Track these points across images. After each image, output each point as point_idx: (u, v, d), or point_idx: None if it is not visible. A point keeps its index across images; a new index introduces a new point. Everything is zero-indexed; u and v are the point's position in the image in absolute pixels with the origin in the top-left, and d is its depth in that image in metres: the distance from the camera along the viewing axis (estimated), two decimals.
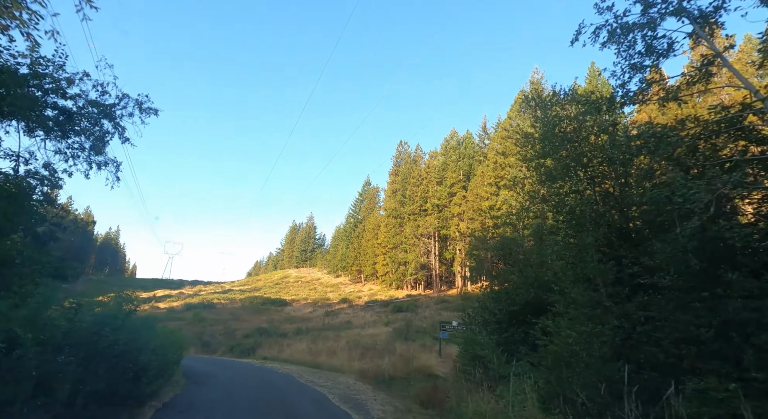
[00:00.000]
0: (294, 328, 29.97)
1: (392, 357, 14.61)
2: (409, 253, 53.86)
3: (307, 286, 73.20)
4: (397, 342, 17.93)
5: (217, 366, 15.25)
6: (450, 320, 16.28)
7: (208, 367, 14.89)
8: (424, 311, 40.77)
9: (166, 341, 10.32)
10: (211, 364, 15.94)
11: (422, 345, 15.54)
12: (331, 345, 19.35)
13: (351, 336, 24.12)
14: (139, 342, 7.86)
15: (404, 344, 16.78)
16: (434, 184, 55.15)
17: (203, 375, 12.60)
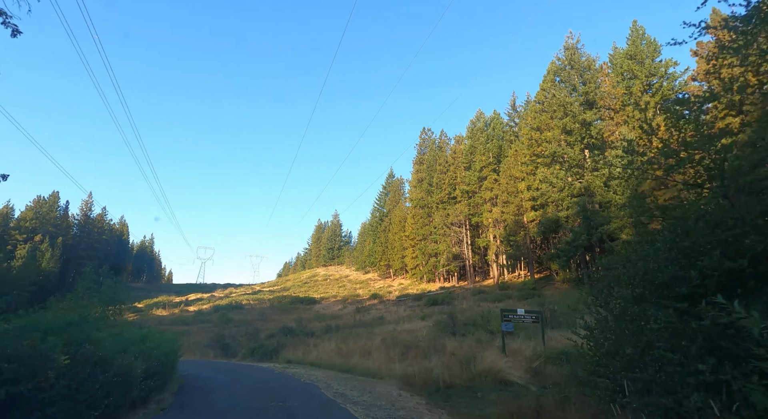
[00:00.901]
0: (323, 326, 27.16)
1: (443, 356, 11.36)
2: (440, 243, 50.30)
3: (335, 283, 70.76)
4: (443, 337, 14.68)
5: (230, 374, 12.40)
6: (513, 308, 12.87)
7: (218, 376, 12.06)
8: (461, 303, 37.24)
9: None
10: (222, 371, 13.12)
11: (477, 341, 12.28)
12: (364, 344, 16.28)
13: (386, 332, 21.00)
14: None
15: (453, 340, 13.54)
16: (462, 169, 51.36)
17: (205, 388, 9.76)
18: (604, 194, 31.60)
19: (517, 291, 37.12)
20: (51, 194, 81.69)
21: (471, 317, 16.82)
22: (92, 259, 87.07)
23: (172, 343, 9.31)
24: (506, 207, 41.42)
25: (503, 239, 42.53)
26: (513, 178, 40.92)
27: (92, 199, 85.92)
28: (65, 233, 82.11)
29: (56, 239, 76.93)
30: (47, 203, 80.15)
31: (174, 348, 9.44)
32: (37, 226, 77.91)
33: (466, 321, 16.19)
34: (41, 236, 74.79)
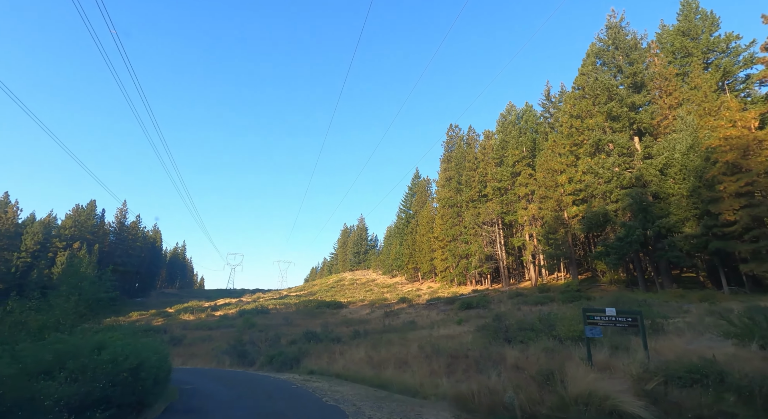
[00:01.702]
0: (350, 331, 24.65)
1: (504, 370, 8.59)
2: (471, 244, 47.07)
3: (362, 288, 68.35)
4: (495, 345, 11.87)
5: (238, 388, 10.03)
6: (599, 308, 9.98)
7: (223, 391, 9.71)
8: (498, 306, 33.93)
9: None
10: (231, 384, 10.76)
11: (546, 351, 9.45)
12: (398, 352, 13.62)
13: (421, 338, 18.25)
14: None
15: (509, 348, 10.76)
16: (493, 166, 48.13)
17: (199, 411, 7.40)
18: (660, 184, 27.84)
19: (559, 294, 33.47)
20: (88, 203, 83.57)
21: (524, 321, 13.86)
22: (127, 265, 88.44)
23: (151, 353, 7.04)
24: (544, 203, 37.92)
25: (541, 238, 38.95)
26: (551, 171, 37.44)
27: (126, 207, 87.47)
28: (102, 240, 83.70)
29: (93, 246, 78.35)
30: (85, 211, 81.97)
31: (156, 359, 7.17)
32: (76, 234, 79.67)
33: (520, 325, 13.26)
34: (79, 244, 76.32)
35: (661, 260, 28.76)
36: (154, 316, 60.67)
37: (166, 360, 8.47)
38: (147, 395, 6.57)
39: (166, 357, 8.72)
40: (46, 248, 74.95)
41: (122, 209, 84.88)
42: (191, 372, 14.70)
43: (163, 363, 7.67)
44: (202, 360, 18.80)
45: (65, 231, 77.86)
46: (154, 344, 8.91)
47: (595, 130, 32.40)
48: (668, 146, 27.88)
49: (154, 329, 31.25)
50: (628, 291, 30.21)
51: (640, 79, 31.81)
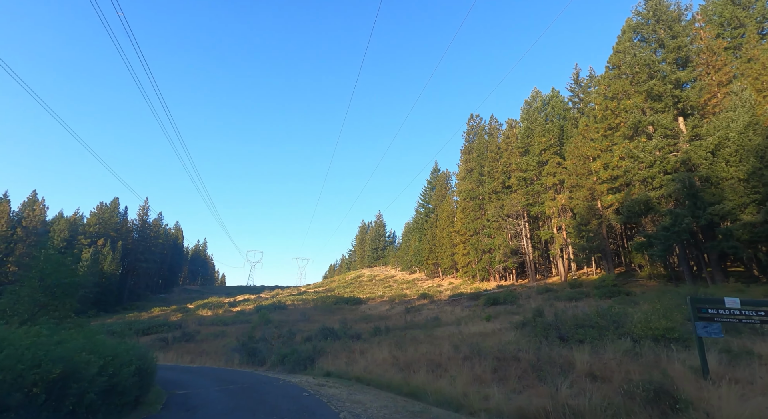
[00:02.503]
0: (370, 328, 22.73)
1: (580, 381, 6.45)
2: (495, 237, 44.52)
3: (381, 284, 66.45)
4: (546, 344, 9.69)
5: (238, 397, 8.16)
6: (716, 298, 7.71)
7: (217, 400, 7.86)
8: (527, 302, 31.43)
9: None
10: (229, 391, 8.91)
11: (628, 353, 7.26)
12: (428, 352, 11.56)
13: (450, 335, 16.13)
14: None
15: (566, 348, 8.60)
16: (517, 155, 45.35)
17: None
18: (712, 167, 24.84)
19: (594, 289, 30.74)
20: (112, 201, 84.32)
21: (578, 317, 11.56)
22: (150, 262, 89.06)
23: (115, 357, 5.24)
24: (575, 192, 35.09)
25: (572, 230, 36.12)
26: (582, 158, 34.58)
27: (148, 204, 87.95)
28: (125, 237, 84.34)
29: (117, 243, 78.93)
30: (108, 209, 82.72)
31: (123, 367, 5.36)
32: (100, 231, 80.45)
33: (578, 321, 10.97)
34: (103, 241, 76.96)
35: (712, 252, 25.75)
36: (174, 311, 60.18)
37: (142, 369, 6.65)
38: (93, 412, 4.71)
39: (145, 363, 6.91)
40: (72, 245, 75.73)
41: (144, 206, 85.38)
42: (194, 372, 13.00)
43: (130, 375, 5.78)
44: (211, 358, 17.21)
45: (90, 228, 78.70)
46: (127, 347, 7.10)
47: (633, 111, 29.45)
48: (720, 124, 24.84)
49: (169, 324, 30.07)
50: (671, 286, 27.32)
51: (685, 55, 28.67)
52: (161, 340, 22.46)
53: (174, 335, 23.35)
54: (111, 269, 75.67)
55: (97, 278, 70.75)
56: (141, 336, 26.75)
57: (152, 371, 8.12)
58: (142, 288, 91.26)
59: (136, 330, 28.22)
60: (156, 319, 41.02)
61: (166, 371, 13.40)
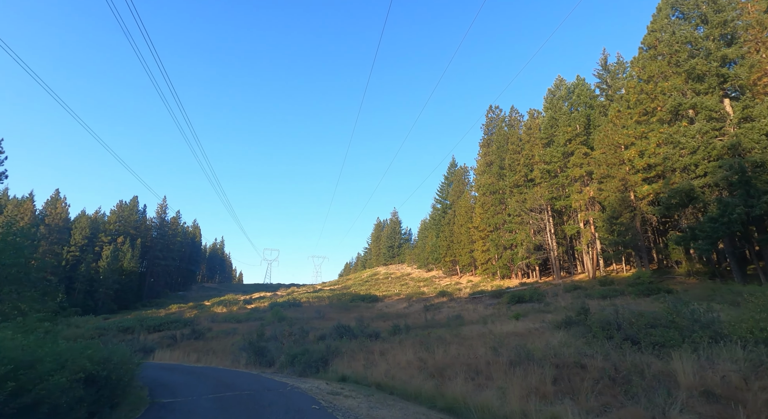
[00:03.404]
0: (388, 326, 21.02)
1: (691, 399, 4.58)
2: (518, 233, 42.24)
3: (397, 282, 64.67)
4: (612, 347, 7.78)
5: (231, 410, 6.50)
6: None
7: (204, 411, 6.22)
8: (554, 301, 29.20)
9: None
10: (223, 401, 7.26)
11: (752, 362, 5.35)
12: (459, 354, 9.76)
13: (480, 335, 14.26)
14: None
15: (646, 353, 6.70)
16: (540, 147, 42.92)
17: None
18: (766, 151, 22.22)
19: (627, 287, 28.29)
20: (131, 199, 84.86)
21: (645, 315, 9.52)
22: (168, 260, 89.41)
23: None
24: (606, 183, 32.59)
25: (601, 224, 33.60)
26: (613, 146, 32.07)
27: (166, 203, 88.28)
28: (144, 235, 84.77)
29: (136, 240, 79.29)
30: (128, 207, 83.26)
31: (48, 370, 3.77)
32: (120, 229, 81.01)
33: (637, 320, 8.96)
34: (123, 238, 77.36)
35: (766, 246, 23.10)
36: (191, 308, 59.70)
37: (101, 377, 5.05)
38: None
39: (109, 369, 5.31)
40: (93, 243, 76.33)
41: (162, 204, 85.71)
42: (194, 373, 11.49)
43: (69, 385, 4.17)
44: (217, 357, 15.77)
45: (110, 226, 79.29)
46: (78, 348, 5.50)
47: (672, 94, 26.90)
48: None
49: (181, 321, 28.97)
50: (716, 284, 24.73)
51: (731, 30, 25.99)
52: (170, 337, 21.25)
53: (183, 332, 22.12)
54: (130, 266, 75.97)
55: (117, 276, 71.09)
56: (151, 333, 25.68)
57: (126, 379, 6.53)
58: (162, 286, 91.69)
59: (147, 327, 27.22)
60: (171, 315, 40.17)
61: (165, 372, 11.94)
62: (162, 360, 17.14)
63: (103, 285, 70.01)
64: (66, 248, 71.37)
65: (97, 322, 29.92)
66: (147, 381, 9.65)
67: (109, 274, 70.90)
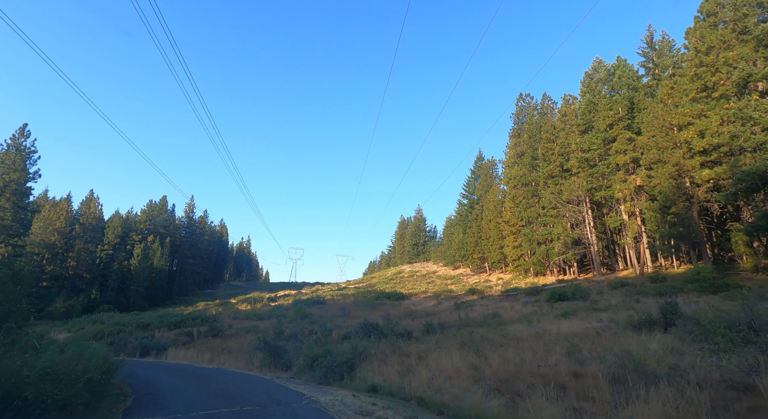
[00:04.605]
0: (419, 324, 18.82)
1: None
2: (554, 226, 39.09)
3: (423, 279, 62.23)
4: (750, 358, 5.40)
5: None
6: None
7: None
8: (602, 298, 26.16)
9: None
10: None
11: None
12: (520, 360, 7.49)
13: (532, 336, 11.84)
14: None
15: None
16: (577, 134, 39.62)
17: None
18: None
19: (685, 283, 24.91)
20: (160, 199, 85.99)
21: None
22: (196, 258, 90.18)
23: None
24: (656, 169, 29.18)
25: (653, 214, 30.14)
26: (665, 128, 28.63)
27: (194, 202, 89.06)
28: (173, 234, 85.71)
29: (165, 239, 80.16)
30: (157, 206, 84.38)
31: None
32: (150, 228, 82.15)
33: None
34: (153, 237, 78.33)
35: None
36: (217, 305, 59.25)
37: None
38: None
39: None
40: (125, 242, 77.56)
41: (190, 203, 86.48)
42: (198, 377, 9.67)
43: None
44: (232, 357, 14.03)
45: (140, 225, 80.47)
46: None
47: (739, 64, 23.43)
48: None
49: (202, 317, 27.70)
50: None
51: None
52: (186, 335, 19.84)
53: (200, 329, 20.67)
54: (160, 264, 76.70)
55: (148, 273, 71.81)
56: (171, 330, 24.46)
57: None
58: (190, 284, 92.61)
59: (167, 324, 26.08)
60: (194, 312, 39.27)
61: (165, 375, 10.19)
62: (174, 358, 15.61)
63: (135, 283, 70.78)
64: (100, 246, 72.68)
65: (120, 318, 29.13)
66: (138, 386, 7.86)
67: (140, 272, 71.66)
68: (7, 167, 45.00)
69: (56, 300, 51.17)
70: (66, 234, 69.20)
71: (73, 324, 30.65)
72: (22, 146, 46.81)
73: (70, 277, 66.93)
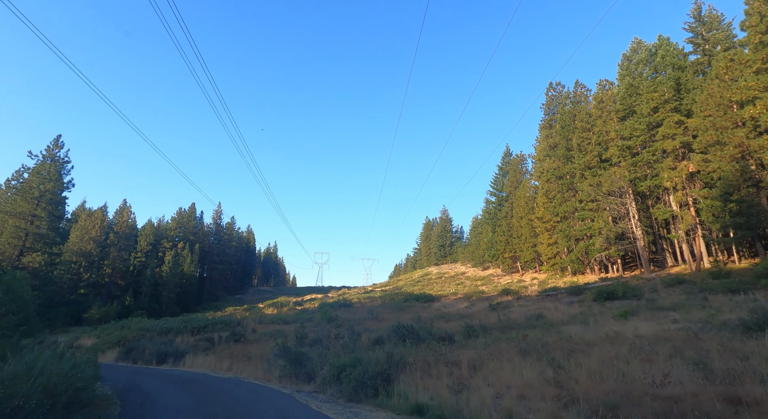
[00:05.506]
0: (454, 327, 16.79)
1: None
2: (595, 220, 36.04)
3: (452, 281, 59.69)
4: None
5: None
6: None
7: None
8: (658, 296, 23.23)
9: None
10: None
11: None
12: (622, 374, 5.47)
13: (602, 339, 9.63)
14: None
15: None
16: (615, 121, 36.52)
17: None
18: None
19: (760, 279, 21.65)
20: (189, 206, 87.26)
21: None
22: (225, 264, 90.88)
23: None
24: (715, 152, 25.99)
25: (711, 202, 26.87)
26: (724, 106, 25.46)
27: (221, 209, 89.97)
28: (202, 240, 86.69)
29: (194, 246, 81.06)
30: (186, 213, 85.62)
31: None
32: (180, 235, 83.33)
33: None
34: (183, 244, 79.34)
35: None
36: (245, 310, 58.78)
37: None
38: None
39: None
40: (156, 249, 78.86)
41: (218, 210, 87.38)
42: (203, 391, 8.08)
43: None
44: (251, 365, 12.50)
45: (171, 232, 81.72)
46: None
47: None
48: None
49: (226, 321, 26.61)
50: None
51: None
52: (207, 340, 18.59)
53: (221, 335, 19.39)
54: (190, 270, 77.41)
55: (178, 280, 72.52)
56: (193, 335, 23.38)
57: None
58: (219, 289, 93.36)
59: (191, 328, 25.10)
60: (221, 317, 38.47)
61: (170, 387, 8.68)
62: (192, 366, 14.27)
63: (166, 289, 71.48)
64: (133, 254, 74.08)
65: (145, 324, 28.48)
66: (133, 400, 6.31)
67: (171, 278, 72.35)
68: (42, 177, 46.16)
69: (92, 307, 51.90)
70: (101, 242, 70.74)
71: (102, 330, 30.27)
72: (56, 157, 48.00)
73: (105, 284, 68.22)
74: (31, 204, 45.46)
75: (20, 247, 44.14)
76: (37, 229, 45.65)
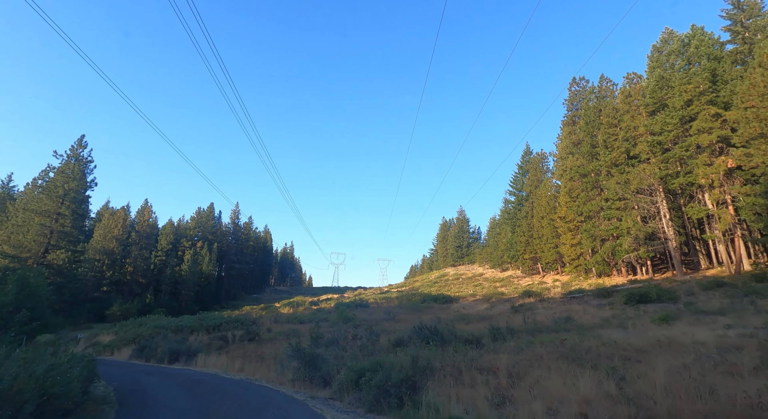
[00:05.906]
0: (477, 329, 15.70)
1: None
2: (624, 219, 34.22)
3: (469, 282, 58.21)
4: None
5: None
6: None
7: None
8: (697, 300, 21.56)
9: None
10: None
11: None
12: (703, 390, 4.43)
13: (654, 346, 8.48)
14: None
15: None
16: (645, 115, 34.65)
17: None
18: None
19: None
20: (208, 206, 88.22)
21: None
22: (242, 263, 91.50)
23: None
24: (758, 146, 24.09)
25: (758, 198, 24.92)
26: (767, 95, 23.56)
27: (239, 208, 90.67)
28: (220, 240, 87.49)
29: (213, 245, 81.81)
30: (205, 213, 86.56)
31: None
32: (199, 234, 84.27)
33: None
34: (201, 243, 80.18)
35: None
36: (261, 309, 58.68)
37: None
38: None
39: None
40: (176, 248, 79.88)
41: (235, 210, 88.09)
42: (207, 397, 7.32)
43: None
44: (264, 366, 11.77)
45: (190, 232, 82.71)
46: None
47: None
48: None
49: (241, 320, 26.17)
50: None
51: None
52: (220, 339, 18.07)
53: (236, 333, 18.83)
54: (208, 269, 78.06)
55: (197, 278, 73.22)
56: (209, 333, 22.95)
57: None
58: (237, 288, 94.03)
59: (206, 327, 24.73)
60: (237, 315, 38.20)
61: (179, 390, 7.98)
62: (204, 365, 13.66)
63: (185, 287, 72.18)
64: (154, 252, 75.14)
65: (161, 321, 28.33)
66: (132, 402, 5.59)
67: (190, 277, 73.05)
68: (66, 176, 47.06)
69: (114, 304, 52.60)
70: (123, 241, 71.93)
71: (120, 327, 30.30)
72: (80, 156, 48.91)
73: (127, 282, 69.28)
74: (55, 202, 46.36)
75: (45, 244, 45.02)
76: (62, 227, 46.49)
